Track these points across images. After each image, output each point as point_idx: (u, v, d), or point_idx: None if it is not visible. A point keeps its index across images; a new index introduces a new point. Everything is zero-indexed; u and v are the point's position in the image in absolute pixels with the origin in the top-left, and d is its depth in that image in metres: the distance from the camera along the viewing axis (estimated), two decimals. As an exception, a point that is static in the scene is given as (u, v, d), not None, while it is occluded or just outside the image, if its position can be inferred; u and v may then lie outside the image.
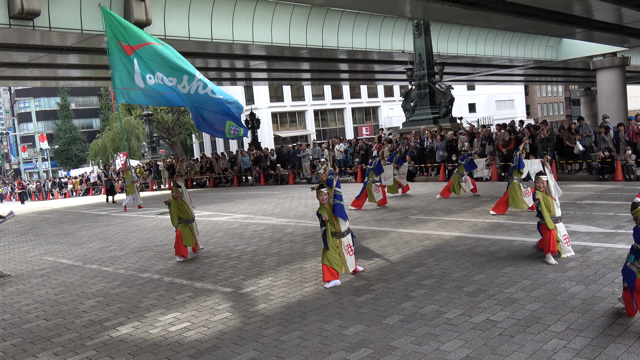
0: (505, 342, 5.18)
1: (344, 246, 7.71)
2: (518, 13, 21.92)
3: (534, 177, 8.01)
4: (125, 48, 8.95)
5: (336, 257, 7.59)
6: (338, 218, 7.66)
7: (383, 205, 15.04)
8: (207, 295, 7.74)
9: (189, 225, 10.60)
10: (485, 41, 32.56)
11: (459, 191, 15.35)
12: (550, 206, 7.80)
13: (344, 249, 7.71)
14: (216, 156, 31.84)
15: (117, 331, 6.58)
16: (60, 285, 9.33)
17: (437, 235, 10.42)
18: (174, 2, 19.53)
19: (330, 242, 7.56)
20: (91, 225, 17.41)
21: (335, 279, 7.54)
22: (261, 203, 18.72)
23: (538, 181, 7.81)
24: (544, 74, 53.00)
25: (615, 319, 5.46)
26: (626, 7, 21.67)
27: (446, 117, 25.77)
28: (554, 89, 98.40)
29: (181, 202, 10.57)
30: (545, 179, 7.87)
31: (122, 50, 8.97)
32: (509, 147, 19.00)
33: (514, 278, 7.12)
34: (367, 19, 26.48)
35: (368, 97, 67.41)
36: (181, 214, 10.49)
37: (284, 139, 57.33)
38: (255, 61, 29.05)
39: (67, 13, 16.83)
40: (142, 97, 9.27)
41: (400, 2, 19.30)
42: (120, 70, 9.05)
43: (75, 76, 30.40)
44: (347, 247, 7.75)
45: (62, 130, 78.87)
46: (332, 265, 7.52)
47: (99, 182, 41.26)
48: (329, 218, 7.58)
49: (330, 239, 7.57)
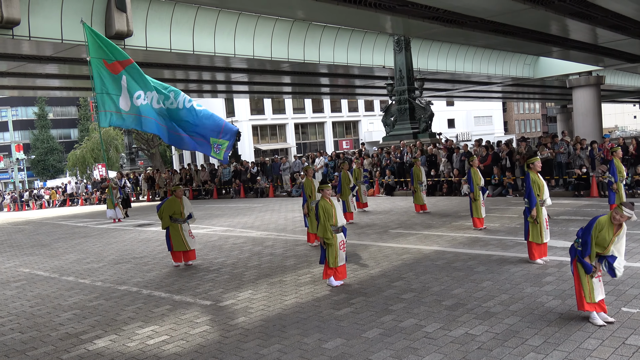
0: (484, 355, 5.22)
1: (338, 242, 8.08)
2: (496, 31, 22.31)
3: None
4: (111, 66, 8.74)
5: (333, 252, 8.05)
6: (336, 213, 8.09)
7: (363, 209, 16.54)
8: (186, 308, 7.68)
9: (178, 225, 10.52)
10: (464, 58, 33.01)
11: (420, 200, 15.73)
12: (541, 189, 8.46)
13: (338, 244, 8.09)
14: (196, 168, 31.69)
15: (93, 344, 6.49)
16: (35, 297, 9.18)
17: (416, 249, 10.48)
18: (156, 14, 19.50)
19: (328, 232, 7.99)
20: (68, 237, 17.17)
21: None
22: (241, 216, 18.65)
23: (535, 162, 8.52)
24: (521, 91, 53.79)
25: (591, 333, 5.55)
26: (601, 28, 22.17)
27: (426, 132, 26.01)
28: (531, 106, 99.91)
29: (179, 200, 10.60)
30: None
31: (107, 70, 8.75)
32: (486, 163, 19.25)
33: (492, 292, 7.19)
34: (348, 34, 26.69)
35: (349, 112, 67.73)
36: (173, 212, 10.54)
37: (264, 151, 57.27)
38: (236, 74, 29.05)
39: (47, 23, 16.69)
40: (126, 121, 9.04)
41: (381, 18, 19.48)
42: (104, 93, 8.82)
43: (54, 86, 30.06)
44: (341, 243, 8.14)
45: (39, 140, 77.78)
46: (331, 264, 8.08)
47: (75, 194, 40.78)
48: (328, 211, 8.03)
49: (329, 229, 8.00)
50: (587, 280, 5.78)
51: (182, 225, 10.55)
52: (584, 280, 5.80)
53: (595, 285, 5.78)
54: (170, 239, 10.60)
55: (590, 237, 5.71)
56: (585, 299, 5.78)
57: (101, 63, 8.81)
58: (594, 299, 5.76)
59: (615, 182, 11.85)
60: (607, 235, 5.68)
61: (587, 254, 5.73)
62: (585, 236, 5.75)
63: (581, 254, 5.77)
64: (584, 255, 5.75)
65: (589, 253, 5.72)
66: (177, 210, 10.58)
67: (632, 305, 6.28)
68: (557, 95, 57.00)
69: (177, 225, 10.53)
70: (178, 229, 10.53)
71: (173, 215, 10.57)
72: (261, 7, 19.37)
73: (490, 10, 18.73)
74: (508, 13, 18.91)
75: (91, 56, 8.86)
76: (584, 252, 5.75)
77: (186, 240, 10.58)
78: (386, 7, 17.97)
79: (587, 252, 5.73)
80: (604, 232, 5.68)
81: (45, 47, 18.11)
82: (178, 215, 10.57)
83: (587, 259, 5.74)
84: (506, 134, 78.55)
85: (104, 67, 8.80)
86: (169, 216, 10.57)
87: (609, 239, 5.70)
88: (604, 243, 5.68)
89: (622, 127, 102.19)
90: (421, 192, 15.59)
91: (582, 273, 5.80)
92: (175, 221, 10.54)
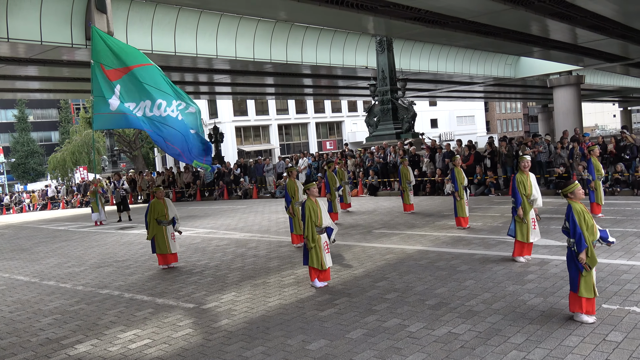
0: (467, 354, 5.24)
1: (322, 243, 8.06)
2: (478, 32, 22.47)
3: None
4: (109, 73, 8.82)
5: (317, 254, 8.03)
6: (322, 214, 8.10)
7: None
8: (168, 311, 7.61)
9: (163, 228, 10.51)
10: (446, 58, 33.20)
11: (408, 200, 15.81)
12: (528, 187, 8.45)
13: (322, 246, 8.07)
14: (179, 170, 31.50)
15: (75, 349, 6.41)
16: (15, 302, 9.05)
17: (400, 249, 10.51)
18: (137, 15, 19.33)
19: (312, 232, 7.98)
20: (49, 241, 16.97)
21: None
22: (224, 217, 18.57)
23: (523, 161, 8.60)
24: (503, 91, 54.26)
25: (572, 330, 5.60)
26: (580, 28, 22.43)
27: (409, 133, 26.11)
28: (512, 106, 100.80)
29: (161, 202, 10.61)
30: (529, 159, 8.77)
31: (104, 75, 8.84)
32: (469, 162, 19.38)
33: (475, 291, 7.23)
34: (331, 35, 26.71)
35: (332, 112, 67.78)
36: (158, 215, 10.55)
37: (247, 153, 57.10)
38: (219, 75, 28.93)
39: (26, 24, 16.46)
40: (117, 121, 9.11)
41: (363, 19, 19.51)
42: (99, 96, 8.93)
43: (34, 88, 29.72)
44: (325, 244, 8.12)
45: (20, 144, 76.76)
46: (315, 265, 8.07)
47: (56, 197, 40.34)
48: (314, 211, 8.05)
49: (314, 231, 8.00)
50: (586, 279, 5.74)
51: (166, 227, 10.55)
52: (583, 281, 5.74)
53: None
54: (154, 241, 10.57)
55: (581, 229, 5.70)
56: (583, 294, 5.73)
57: (99, 67, 8.87)
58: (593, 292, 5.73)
59: (593, 181, 12.00)
60: (590, 218, 5.79)
61: (584, 248, 5.66)
62: (576, 230, 5.71)
63: (578, 249, 5.69)
64: (580, 250, 5.68)
65: (586, 247, 5.68)
66: (162, 212, 10.58)
67: (612, 302, 6.35)
68: (538, 94, 57.56)
69: (162, 228, 10.52)
70: (162, 231, 10.52)
71: (158, 217, 10.57)
72: (243, 8, 19.31)
73: (472, 11, 18.86)
74: (489, 13, 19.05)
75: (93, 60, 8.94)
76: (580, 247, 5.69)
77: (169, 243, 10.56)
78: (368, 8, 18.02)
79: (584, 246, 5.67)
80: (587, 218, 5.75)
81: (24, 48, 17.87)
82: (162, 217, 10.56)
83: (582, 254, 5.68)
84: (488, 134, 79.08)
85: (102, 71, 8.87)
86: (155, 220, 10.55)
87: (592, 221, 5.80)
88: (592, 228, 5.76)
89: (602, 126, 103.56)
90: (409, 191, 15.63)
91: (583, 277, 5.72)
92: (160, 223, 10.53)
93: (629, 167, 16.51)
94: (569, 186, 5.97)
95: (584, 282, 5.73)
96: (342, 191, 16.21)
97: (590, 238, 5.72)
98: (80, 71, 23.87)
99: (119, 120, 9.06)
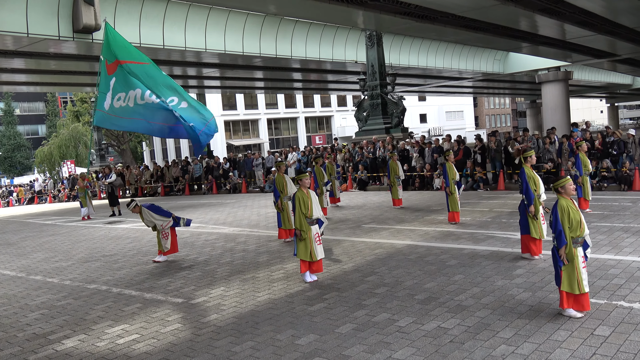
0: (456, 348, 5.26)
1: (312, 234, 8.04)
2: (467, 27, 22.50)
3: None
4: (109, 67, 8.78)
5: (307, 245, 8.02)
6: (312, 205, 8.06)
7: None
8: (157, 306, 7.57)
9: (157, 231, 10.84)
10: (435, 53, 33.24)
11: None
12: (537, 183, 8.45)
13: (313, 237, 8.04)
14: (167, 164, 31.32)
15: (62, 345, 6.36)
16: (1, 297, 8.96)
17: (389, 243, 10.52)
18: (125, 7, 19.13)
19: (302, 224, 7.97)
20: (35, 235, 16.82)
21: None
22: (213, 212, 18.50)
23: (530, 155, 8.72)
24: (491, 87, 54.42)
25: (560, 325, 5.63)
26: (569, 24, 22.51)
27: (398, 128, 26.11)
28: (501, 101, 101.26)
29: (139, 214, 10.81)
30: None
31: (106, 71, 8.81)
32: (458, 157, 19.42)
33: (464, 286, 7.25)
34: (320, 29, 26.63)
35: (321, 107, 67.69)
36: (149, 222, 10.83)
37: (237, 147, 56.91)
38: (208, 69, 28.74)
39: (12, 16, 16.24)
40: (111, 122, 9.02)
41: (353, 13, 19.45)
42: (102, 92, 8.90)
43: (20, 81, 29.38)
44: (316, 235, 8.10)
45: (6, 137, 75.95)
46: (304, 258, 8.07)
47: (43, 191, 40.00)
48: (304, 201, 8.02)
49: (304, 222, 7.99)
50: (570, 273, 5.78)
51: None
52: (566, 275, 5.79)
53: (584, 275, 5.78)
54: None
55: (562, 225, 5.73)
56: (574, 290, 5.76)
57: (104, 63, 8.84)
58: (583, 289, 5.75)
59: (581, 176, 12.08)
60: (577, 214, 5.79)
61: (564, 244, 5.71)
62: (557, 225, 5.75)
63: (558, 244, 5.72)
64: (560, 246, 5.73)
65: (565, 243, 5.72)
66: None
67: (600, 296, 6.39)
68: (526, 90, 57.80)
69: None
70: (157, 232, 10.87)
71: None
72: (232, 1, 19.19)
73: (461, 6, 18.87)
74: (479, 9, 19.08)
75: (101, 56, 8.92)
76: (560, 243, 5.72)
77: (160, 242, 10.79)
78: (358, 2, 17.98)
79: (564, 242, 5.71)
80: (573, 214, 5.76)
81: (10, 41, 17.65)
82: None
83: (562, 250, 5.73)
84: (477, 129, 79.40)
85: (105, 67, 8.83)
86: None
87: (579, 217, 5.79)
88: (578, 224, 5.76)
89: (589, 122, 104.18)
90: (397, 186, 15.70)
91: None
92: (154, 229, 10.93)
93: (616, 163, 16.63)
94: (560, 180, 5.99)
95: (566, 277, 5.79)
96: (331, 186, 16.25)
97: (573, 234, 5.75)
98: (67, 64, 23.62)
99: (112, 121, 9.01)
